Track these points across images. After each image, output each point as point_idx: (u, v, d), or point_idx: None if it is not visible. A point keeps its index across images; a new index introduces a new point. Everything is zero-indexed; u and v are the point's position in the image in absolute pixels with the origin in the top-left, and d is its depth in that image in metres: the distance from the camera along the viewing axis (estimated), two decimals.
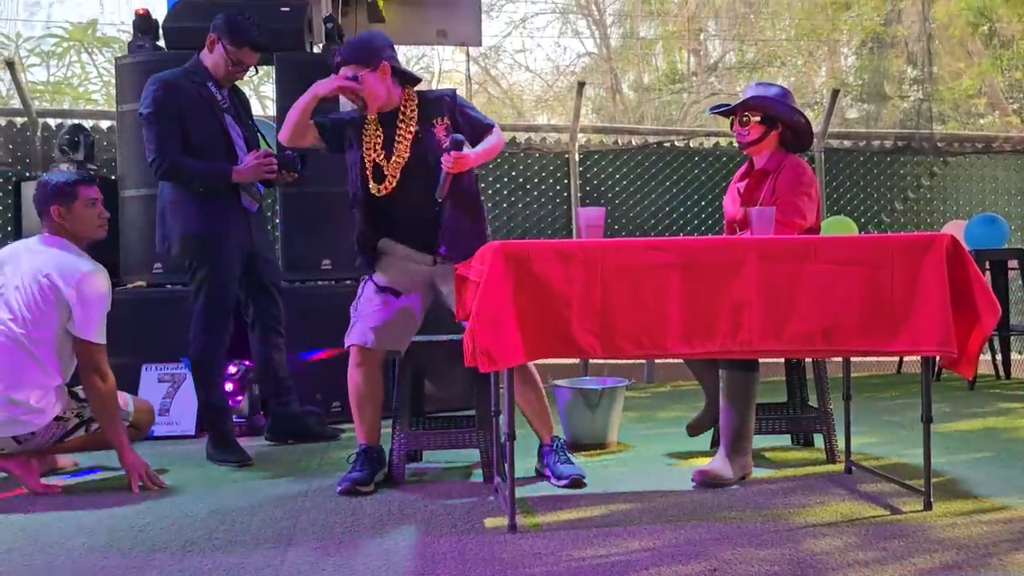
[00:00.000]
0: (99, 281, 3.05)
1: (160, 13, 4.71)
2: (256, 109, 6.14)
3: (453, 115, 3.08)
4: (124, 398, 3.22)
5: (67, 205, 3.11)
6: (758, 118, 3.22)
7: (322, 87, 3.05)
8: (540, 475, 3.14)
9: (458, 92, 3.19)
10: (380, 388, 3.09)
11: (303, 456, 3.67)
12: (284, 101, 4.56)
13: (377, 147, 3.07)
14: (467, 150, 2.98)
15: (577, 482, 2.98)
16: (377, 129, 3.09)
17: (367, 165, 3.07)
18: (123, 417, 3.15)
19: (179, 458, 3.65)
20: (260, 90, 12.63)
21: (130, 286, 4.44)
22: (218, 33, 3.56)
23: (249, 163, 3.55)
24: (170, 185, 3.58)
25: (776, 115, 3.22)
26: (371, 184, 3.05)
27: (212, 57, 3.59)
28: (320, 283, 4.57)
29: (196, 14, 4.67)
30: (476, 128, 3.09)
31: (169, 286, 4.47)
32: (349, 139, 3.14)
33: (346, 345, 3.07)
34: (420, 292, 3.13)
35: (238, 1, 4.85)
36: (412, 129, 3.05)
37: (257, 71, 3.78)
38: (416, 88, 3.15)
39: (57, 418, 3.04)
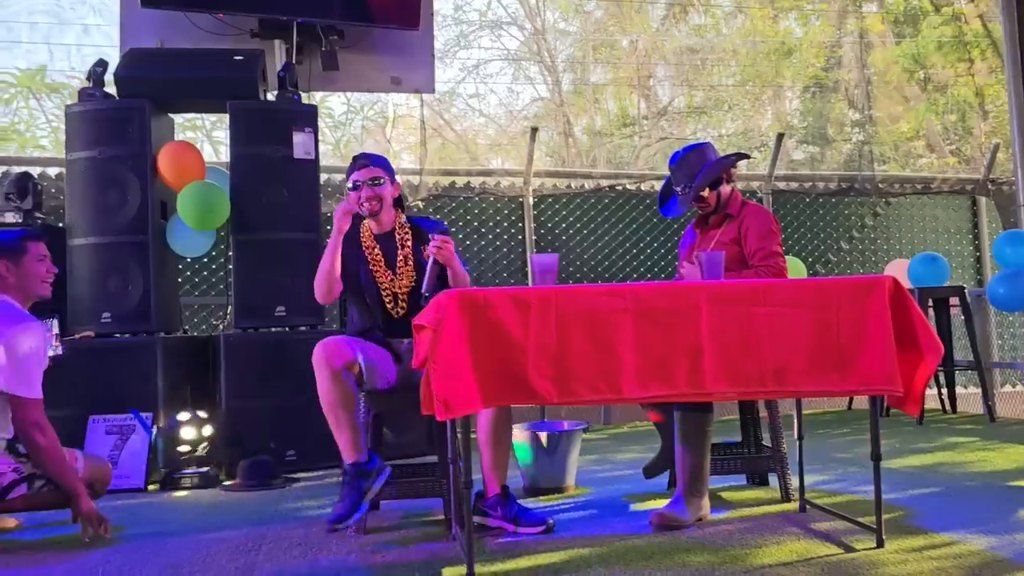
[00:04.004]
0: (30, 337, 2.96)
1: (115, 61, 4.69)
2: (208, 154, 6.11)
3: None
4: (74, 455, 3.14)
5: (16, 260, 3.06)
6: (707, 189, 3.35)
7: (344, 219, 3.13)
8: (479, 526, 3.07)
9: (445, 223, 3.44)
10: (351, 391, 2.98)
11: (256, 506, 3.60)
12: (238, 149, 4.56)
13: (381, 266, 3.23)
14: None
15: (550, 528, 2.96)
16: (375, 248, 3.25)
17: (382, 285, 3.21)
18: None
19: (128, 511, 3.56)
20: (213, 135, 12.56)
21: (77, 336, 4.36)
22: None
23: None
24: None
25: (718, 177, 3.36)
26: (391, 309, 3.22)
27: None
28: (274, 330, 4.53)
29: (147, 62, 4.68)
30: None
31: (118, 335, 4.40)
32: (345, 261, 3.21)
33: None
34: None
35: (190, 49, 4.88)
36: (408, 252, 3.25)
37: None
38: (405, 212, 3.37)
39: None
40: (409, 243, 3.27)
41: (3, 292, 3.06)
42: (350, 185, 3.27)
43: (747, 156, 3.63)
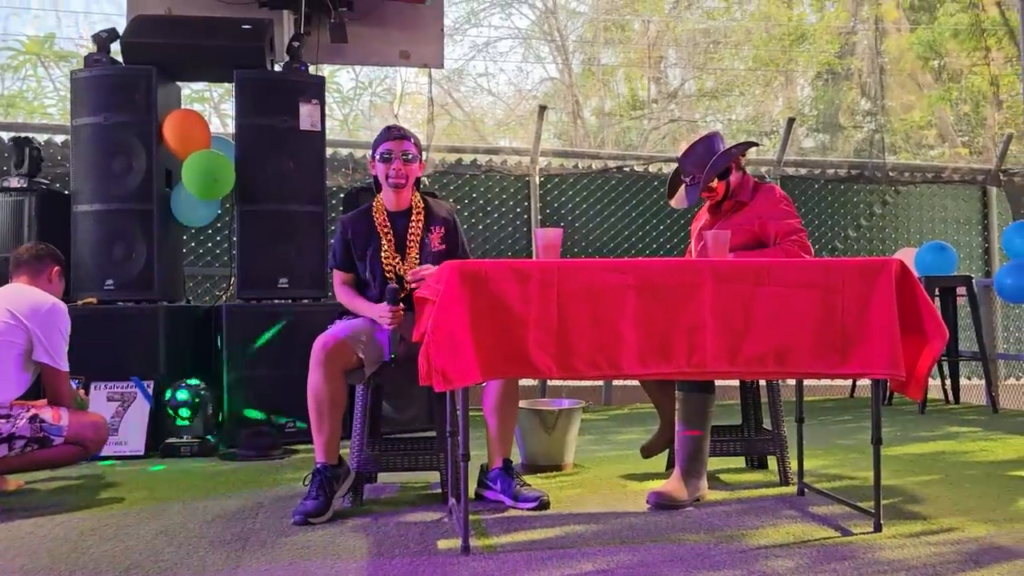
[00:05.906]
0: (64, 317, 3.28)
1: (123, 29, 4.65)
2: (215, 127, 6.08)
3: (451, 230, 3.23)
4: (59, 413, 3.15)
5: (63, 273, 3.53)
6: (715, 180, 3.34)
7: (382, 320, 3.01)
8: (479, 498, 3.11)
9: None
10: (342, 394, 2.98)
11: (254, 475, 3.60)
12: (244, 119, 4.53)
13: (392, 248, 3.14)
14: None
15: (545, 504, 2.96)
16: (388, 228, 3.16)
17: (387, 266, 3.13)
18: (55, 433, 3.12)
19: (128, 477, 3.57)
20: (220, 108, 12.50)
21: (80, 303, 4.35)
22: None
23: None
24: None
25: (727, 167, 3.34)
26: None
27: None
28: (277, 301, 4.52)
29: (154, 29, 4.65)
30: (461, 253, 3.23)
31: (120, 303, 4.39)
32: (355, 241, 3.17)
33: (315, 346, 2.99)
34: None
35: (198, 17, 4.84)
36: (419, 234, 3.18)
37: None
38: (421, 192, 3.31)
39: None
40: (421, 224, 3.19)
41: (36, 288, 3.35)
42: (379, 155, 3.15)
43: (755, 144, 3.61)
